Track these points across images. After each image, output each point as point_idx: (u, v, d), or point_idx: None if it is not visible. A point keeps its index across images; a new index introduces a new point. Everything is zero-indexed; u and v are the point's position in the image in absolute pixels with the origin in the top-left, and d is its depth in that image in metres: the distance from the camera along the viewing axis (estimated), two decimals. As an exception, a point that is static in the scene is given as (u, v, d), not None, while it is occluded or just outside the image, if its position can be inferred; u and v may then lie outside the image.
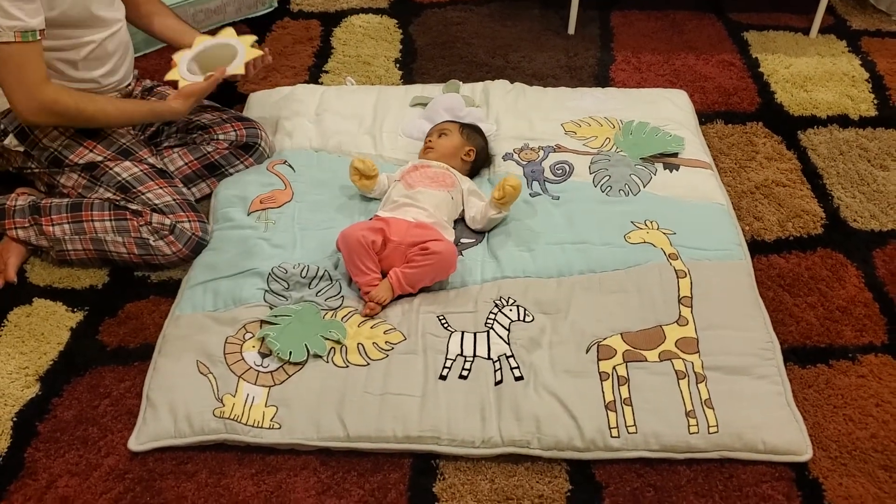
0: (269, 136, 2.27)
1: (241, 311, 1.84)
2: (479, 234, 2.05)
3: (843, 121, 2.50)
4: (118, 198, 1.98)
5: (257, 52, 2.14)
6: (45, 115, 1.88)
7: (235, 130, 2.18)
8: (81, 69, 1.98)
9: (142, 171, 2.00)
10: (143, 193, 1.97)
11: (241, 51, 2.13)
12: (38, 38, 1.79)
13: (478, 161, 2.18)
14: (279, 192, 2.14)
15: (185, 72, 2.10)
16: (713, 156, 2.32)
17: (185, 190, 2.05)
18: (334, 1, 3.08)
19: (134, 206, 1.96)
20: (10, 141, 1.99)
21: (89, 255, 1.98)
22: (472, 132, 2.20)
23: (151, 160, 2.04)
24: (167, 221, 1.94)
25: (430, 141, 2.17)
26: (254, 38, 2.18)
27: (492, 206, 1.99)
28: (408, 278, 1.84)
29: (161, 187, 1.99)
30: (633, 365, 1.72)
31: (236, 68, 2.10)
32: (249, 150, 2.20)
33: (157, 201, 1.96)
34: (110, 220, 1.96)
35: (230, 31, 2.20)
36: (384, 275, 1.88)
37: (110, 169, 1.98)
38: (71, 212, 1.97)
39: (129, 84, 2.18)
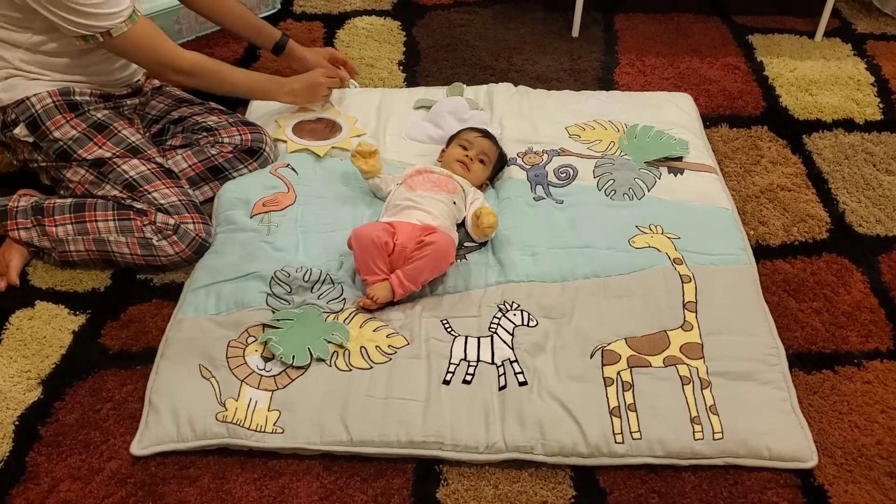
0: (273, 142, 2.26)
1: (243, 315, 1.83)
2: (483, 237, 2.04)
3: (849, 125, 2.49)
4: (124, 195, 1.97)
5: (360, 131, 2.35)
6: (189, 78, 2.07)
7: (241, 135, 2.18)
8: (99, 63, 2.03)
9: (149, 169, 1.99)
10: (149, 192, 1.96)
11: (346, 128, 2.35)
12: (139, 13, 1.92)
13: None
14: (282, 194, 2.13)
15: (290, 133, 2.32)
16: (718, 160, 2.32)
17: (190, 191, 2.05)
18: (337, 3, 3.07)
19: (139, 205, 1.96)
20: (20, 131, 1.98)
21: (91, 256, 1.98)
22: (500, 163, 2.19)
23: (159, 159, 2.04)
24: (171, 221, 1.94)
25: (468, 157, 2.11)
26: (356, 118, 2.40)
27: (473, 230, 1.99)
28: (408, 275, 1.83)
29: (167, 187, 1.98)
30: (637, 370, 1.71)
31: (343, 142, 2.30)
32: (254, 154, 2.19)
33: (162, 201, 1.96)
34: (114, 220, 1.95)
35: (335, 110, 2.42)
36: (392, 278, 1.87)
37: (118, 166, 1.98)
38: (74, 212, 1.97)
39: (139, 80, 2.20)
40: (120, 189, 1.98)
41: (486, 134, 2.19)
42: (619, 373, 1.71)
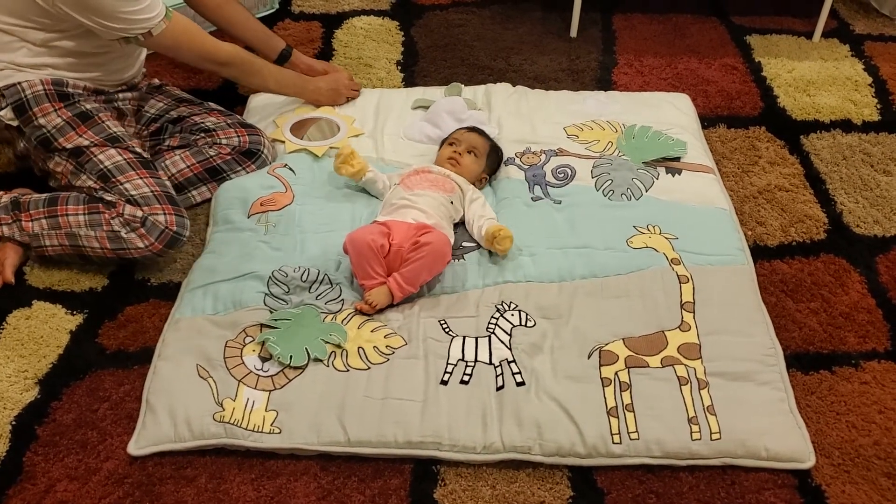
0: (271, 144, 2.26)
1: (241, 315, 1.83)
2: (481, 238, 2.04)
3: (846, 125, 2.49)
4: (98, 186, 1.95)
5: (358, 131, 2.35)
6: (225, 68, 2.16)
7: (239, 136, 2.18)
8: (105, 64, 2.05)
9: (125, 159, 1.96)
10: (121, 183, 1.93)
11: (344, 128, 2.35)
12: (171, 13, 1.97)
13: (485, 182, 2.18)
14: (279, 194, 2.13)
15: (288, 133, 2.31)
16: (716, 160, 2.32)
17: (167, 182, 2.01)
18: (335, 2, 3.07)
19: (109, 197, 1.93)
20: (6, 114, 1.97)
21: (65, 251, 1.96)
22: (495, 157, 2.19)
23: (138, 149, 2.02)
24: (139, 214, 1.90)
25: (457, 153, 2.12)
26: (354, 118, 2.40)
27: (485, 241, 1.98)
28: (406, 278, 1.83)
29: (141, 178, 1.95)
30: (635, 370, 1.71)
31: (341, 142, 2.29)
32: (252, 157, 2.19)
33: (133, 192, 1.92)
34: (84, 213, 1.93)
35: (331, 109, 2.43)
36: (390, 278, 1.87)
37: (95, 156, 1.96)
38: (47, 206, 1.96)
39: (137, 79, 2.20)
40: (95, 180, 1.95)
41: (473, 129, 2.21)
42: (616, 373, 1.71)
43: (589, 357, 1.74)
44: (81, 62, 2.00)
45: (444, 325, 1.81)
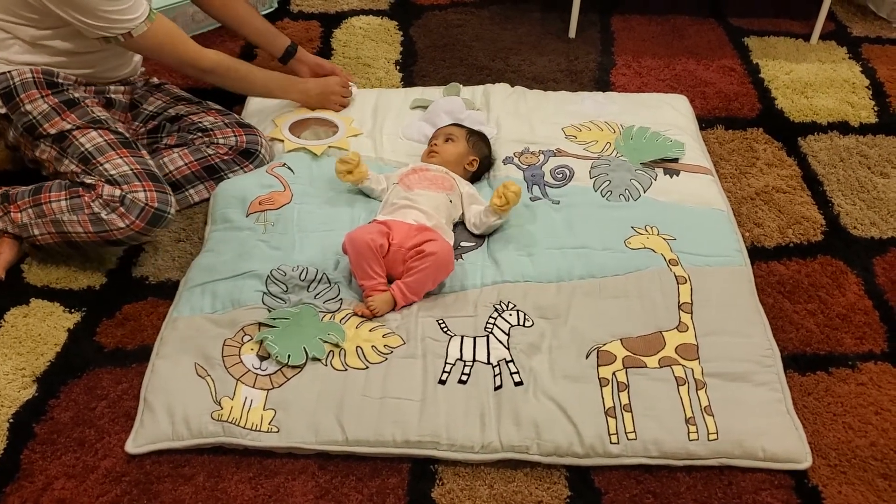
0: (269, 144, 2.26)
1: (239, 314, 1.83)
2: (479, 237, 2.04)
3: (844, 127, 2.50)
4: (79, 170, 1.94)
5: (356, 131, 2.34)
6: (209, 76, 2.13)
7: (236, 136, 2.17)
8: (98, 63, 2.05)
9: (106, 140, 1.95)
10: (101, 164, 1.91)
11: (343, 127, 2.34)
12: (155, 15, 1.96)
13: (480, 170, 2.18)
14: (278, 193, 2.13)
15: (287, 132, 2.31)
16: (713, 161, 2.32)
17: (149, 161, 1.99)
18: (334, 2, 3.07)
19: (89, 180, 1.92)
20: None
21: (54, 240, 1.95)
22: (478, 140, 2.19)
23: (121, 130, 2.00)
24: (118, 193, 1.88)
25: (435, 145, 2.16)
26: (353, 118, 2.40)
27: (491, 213, 1.98)
28: (410, 288, 1.83)
29: (121, 157, 1.92)
30: (632, 371, 1.72)
31: (340, 141, 2.29)
32: (249, 156, 2.19)
33: (112, 172, 1.90)
34: (66, 199, 1.92)
35: (330, 112, 2.41)
36: (390, 279, 1.87)
37: (76, 139, 1.94)
38: (32, 196, 1.96)
39: (133, 77, 2.20)
40: (76, 163, 1.94)
41: (449, 124, 2.25)
42: (614, 373, 1.71)
43: (587, 357, 1.74)
44: (73, 60, 2.00)
45: (443, 325, 1.81)
